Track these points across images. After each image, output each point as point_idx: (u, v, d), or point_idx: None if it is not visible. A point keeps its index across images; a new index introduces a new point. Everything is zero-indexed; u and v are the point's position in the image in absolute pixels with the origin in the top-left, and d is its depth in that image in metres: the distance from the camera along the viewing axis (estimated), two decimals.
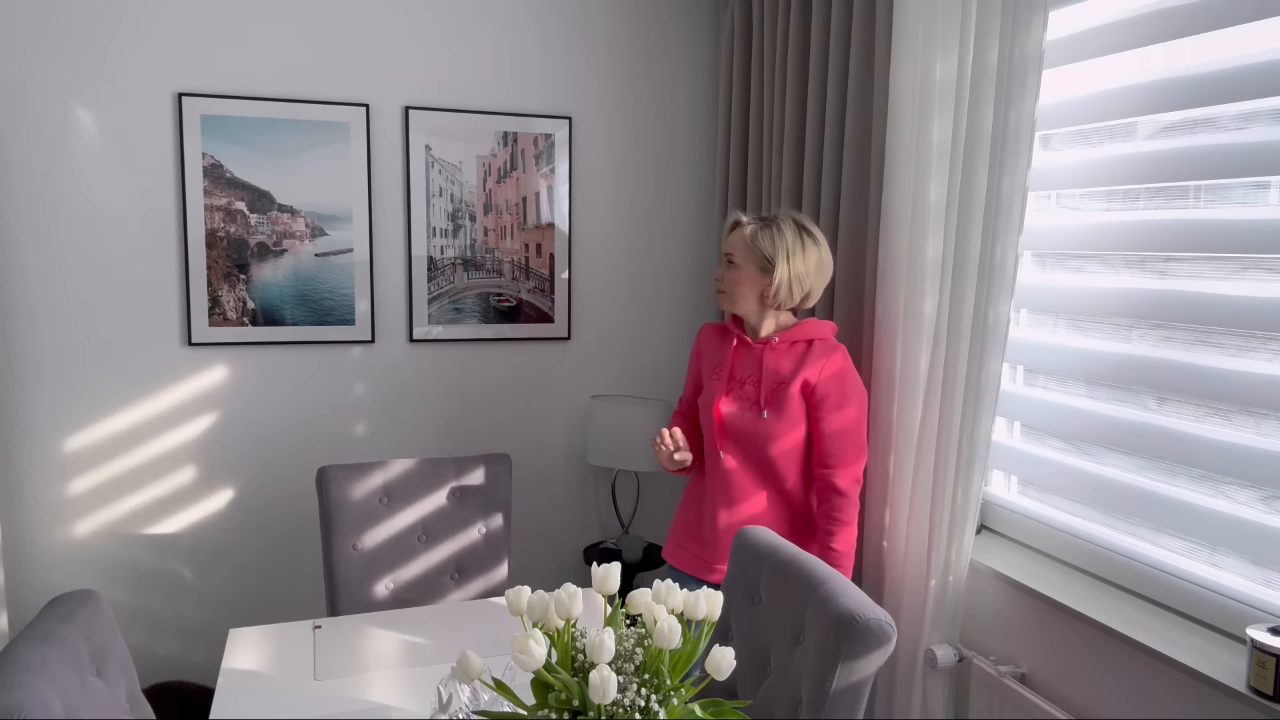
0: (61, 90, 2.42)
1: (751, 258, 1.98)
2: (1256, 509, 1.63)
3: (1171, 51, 1.77)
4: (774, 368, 2.00)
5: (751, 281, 1.99)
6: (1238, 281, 1.66)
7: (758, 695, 1.62)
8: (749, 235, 1.98)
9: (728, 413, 2.04)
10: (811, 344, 1.99)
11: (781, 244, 1.95)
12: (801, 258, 1.96)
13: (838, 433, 1.96)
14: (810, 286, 1.98)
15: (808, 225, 1.98)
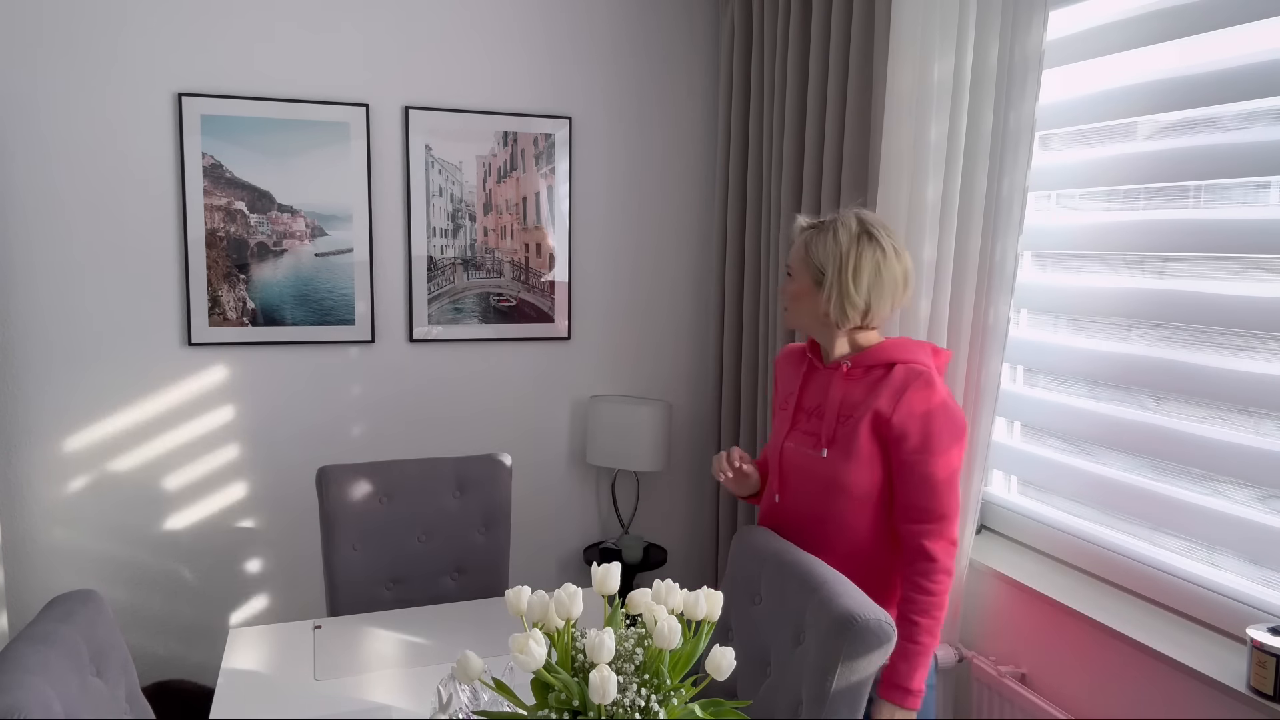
0: (61, 90, 2.42)
1: (806, 268, 1.69)
2: (1255, 509, 1.63)
3: (1171, 51, 1.77)
4: (842, 397, 1.68)
5: (808, 296, 1.69)
6: (1238, 281, 1.66)
7: (758, 695, 1.62)
8: (803, 241, 1.70)
9: (789, 448, 1.76)
10: (891, 369, 1.64)
11: (835, 249, 1.64)
12: (854, 265, 1.62)
13: (921, 481, 1.58)
14: (867, 300, 1.64)
15: (871, 225, 1.65)
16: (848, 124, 2.26)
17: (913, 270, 1.66)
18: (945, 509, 1.58)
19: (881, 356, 1.66)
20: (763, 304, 2.74)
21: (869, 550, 1.67)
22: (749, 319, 2.82)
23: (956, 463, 1.59)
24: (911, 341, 1.68)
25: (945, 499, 1.58)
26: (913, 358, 1.65)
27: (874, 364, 1.66)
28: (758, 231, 2.79)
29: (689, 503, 3.21)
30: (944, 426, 1.57)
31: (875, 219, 1.66)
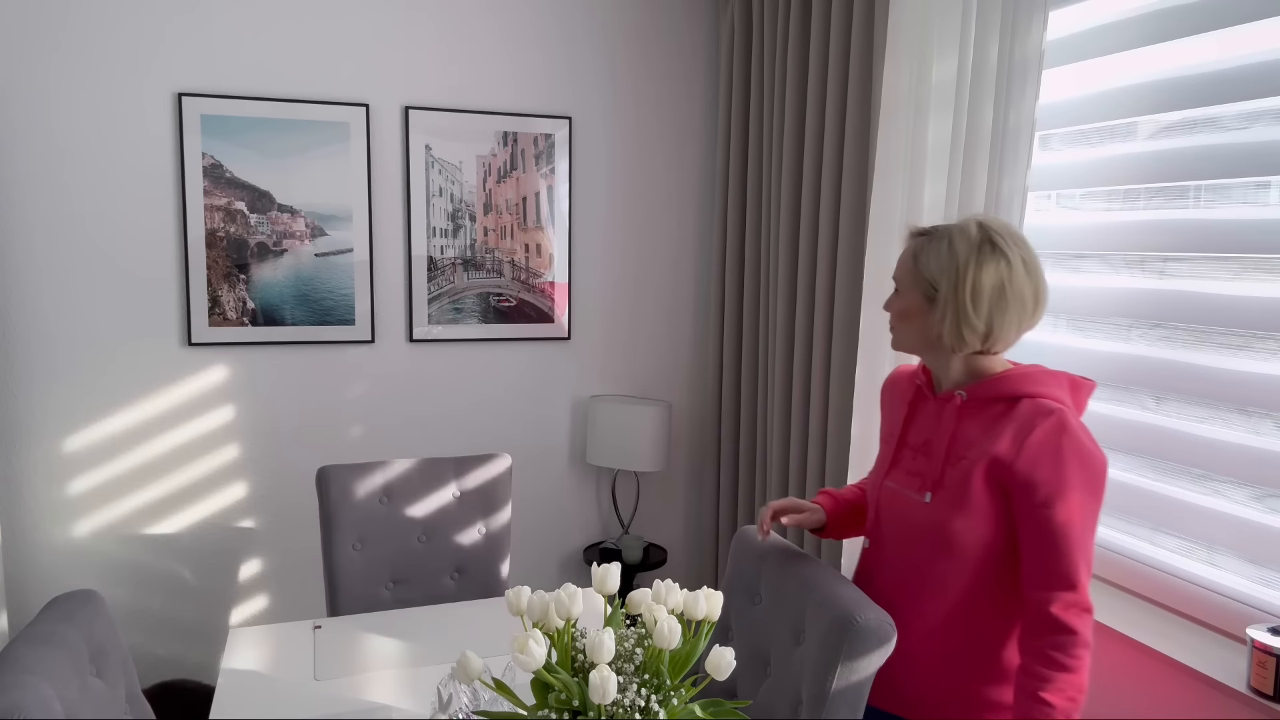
0: (61, 90, 2.42)
1: (916, 283, 1.43)
2: (1254, 508, 1.63)
3: (1171, 51, 1.77)
4: (954, 434, 1.42)
5: (918, 315, 1.43)
6: (1237, 281, 1.66)
7: (758, 695, 1.62)
8: (912, 251, 1.45)
9: (888, 488, 1.52)
10: (1016, 404, 1.37)
11: (950, 261, 1.38)
12: (973, 280, 1.36)
13: (1052, 540, 1.32)
14: (989, 322, 1.37)
15: (995, 233, 1.38)
16: (848, 124, 2.25)
17: (1046, 287, 1.40)
18: (1079, 573, 1.32)
19: (1005, 388, 1.39)
20: (763, 304, 2.74)
21: (971, 617, 1.42)
22: (749, 319, 2.82)
23: (1093, 519, 1.33)
24: (1045, 371, 1.40)
25: (1079, 561, 1.32)
26: (1043, 391, 1.37)
27: (995, 396, 1.40)
28: (758, 231, 2.79)
29: (689, 503, 3.21)
30: (1072, 471, 1.31)
31: (1001, 225, 1.40)
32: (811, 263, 2.46)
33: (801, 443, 2.52)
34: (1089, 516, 1.33)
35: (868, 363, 2.24)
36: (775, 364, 2.62)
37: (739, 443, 2.94)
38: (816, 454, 2.43)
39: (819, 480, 2.43)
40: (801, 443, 2.52)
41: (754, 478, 2.86)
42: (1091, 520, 1.33)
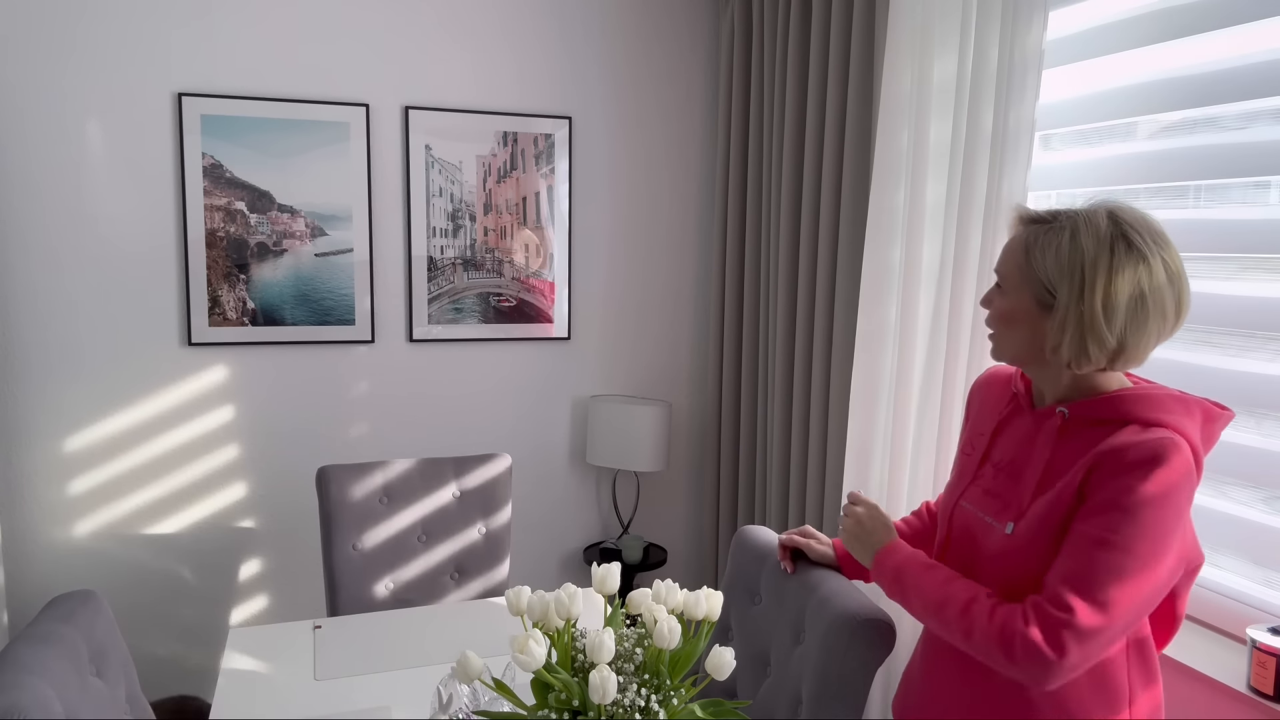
0: (61, 90, 2.42)
1: (1027, 282, 1.19)
2: (1258, 509, 1.63)
3: (1171, 51, 1.77)
4: (1050, 458, 1.20)
5: (1027, 321, 1.20)
6: (1238, 281, 1.66)
7: (758, 695, 1.62)
8: (1023, 242, 1.20)
9: (963, 509, 1.30)
10: (1124, 428, 1.13)
11: (1075, 259, 1.14)
12: (1105, 286, 1.13)
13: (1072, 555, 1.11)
14: (1121, 336, 1.14)
15: (1131, 226, 1.15)
16: (848, 124, 2.25)
17: (1189, 294, 1.19)
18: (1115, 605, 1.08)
19: (1117, 410, 1.15)
20: (763, 304, 2.74)
21: None
22: (749, 319, 2.82)
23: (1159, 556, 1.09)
24: (1171, 395, 1.15)
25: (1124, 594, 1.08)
26: (1163, 418, 1.13)
27: (1103, 418, 1.16)
28: (758, 231, 2.79)
29: (689, 503, 3.21)
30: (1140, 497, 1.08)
31: (1138, 218, 1.16)
32: (812, 263, 2.46)
33: (802, 443, 2.52)
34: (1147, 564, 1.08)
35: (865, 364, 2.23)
36: (775, 364, 2.62)
37: (739, 443, 2.94)
38: (817, 454, 2.43)
39: (819, 480, 2.43)
40: (802, 443, 2.52)
41: (754, 478, 2.86)
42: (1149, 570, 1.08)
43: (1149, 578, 1.09)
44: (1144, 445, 1.09)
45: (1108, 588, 1.08)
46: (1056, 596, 1.10)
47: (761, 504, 2.79)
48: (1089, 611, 1.08)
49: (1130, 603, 1.09)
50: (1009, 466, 1.25)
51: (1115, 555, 1.08)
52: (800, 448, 2.52)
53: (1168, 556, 1.10)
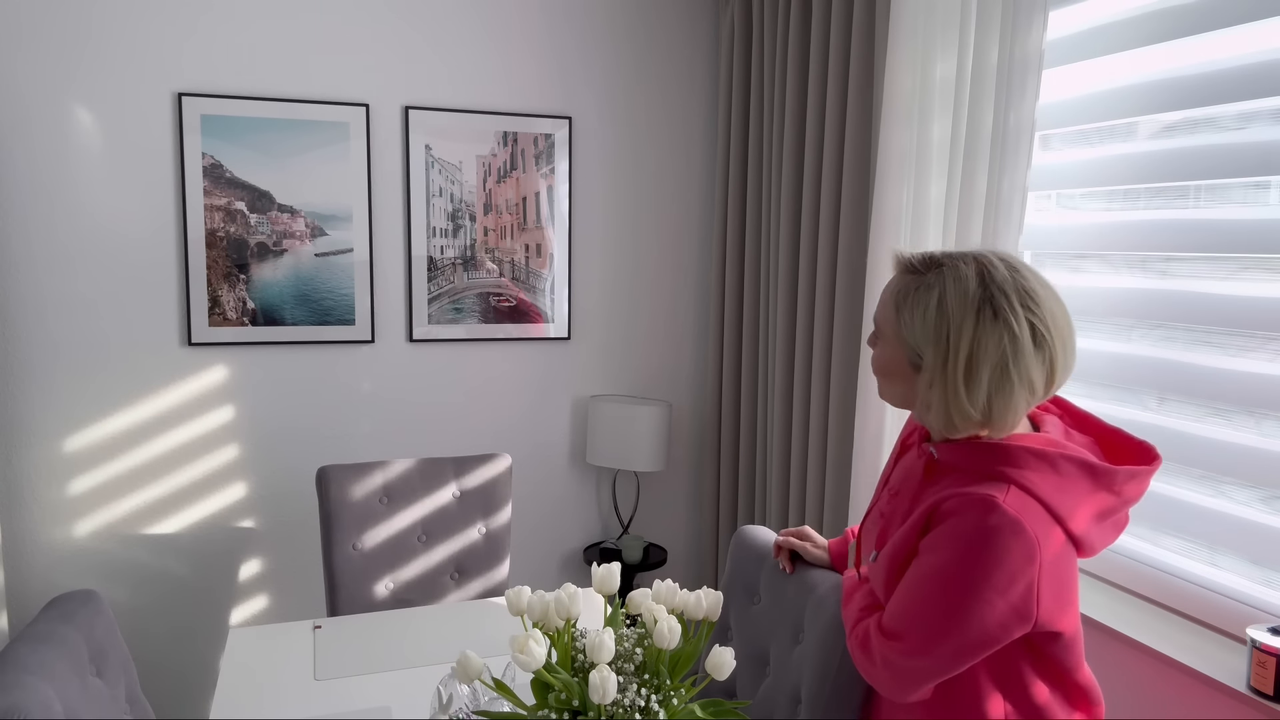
0: (61, 90, 2.42)
1: (899, 340, 1.17)
2: (1257, 509, 1.63)
3: (1172, 51, 1.77)
4: (914, 491, 1.22)
5: (900, 375, 1.19)
6: (1238, 281, 1.66)
7: (758, 695, 1.62)
8: (895, 298, 1.17)
9: (865, 526, 1.34)
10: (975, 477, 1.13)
11: (940, 324, 1.11)
12: (970, 356, 1.10)
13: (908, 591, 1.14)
14: (984, 408, 1.11)
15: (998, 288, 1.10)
16: (848, 124, 2.25)
17: (1066, 354, 1.13)
18: (923, 646, 1.10)
19: (975, 460, 1.13)
20: (763, 304, 2.74)
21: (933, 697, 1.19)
22: (749, 319, 2.82)
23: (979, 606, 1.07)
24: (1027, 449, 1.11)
25: (932, 635, 1.10)
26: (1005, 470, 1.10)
27: (965, 466, 1.15)
28: (758, 231, 2.79)
29: (689, 503, 3.21)
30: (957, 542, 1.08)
31: (1005, 275, 1.11)
32: (812, 262, 2.46)
33: (802, 442, 2.52)
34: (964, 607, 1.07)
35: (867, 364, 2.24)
36: (775, 364, 2.62)
37: (739, 443, 2.94)
38: (817, 454, 2.43)
39: (820, 480, 2.43)
40: (802, 442, 2.52)
41: (754, 478, 2.86)
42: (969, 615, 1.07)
43: (964, 623, 1.08)
44: (960, 499, 1.09)
45: (921, 625, 1.10)
46: (886, 622, 1.16)
47: (761, 504, 2.79)
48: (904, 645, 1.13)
49: (942, 643, 1.09)
50: (895, 496, 1.26)
51: (929, 593, 1.10)
52: (800, 448, 2.52)
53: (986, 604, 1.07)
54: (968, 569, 1.07)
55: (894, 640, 1.14)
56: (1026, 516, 1.07)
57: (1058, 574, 1.10)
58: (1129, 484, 1.13)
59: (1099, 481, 1.12)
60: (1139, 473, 1.13)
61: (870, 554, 1.26)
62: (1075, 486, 1.11)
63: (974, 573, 1.07)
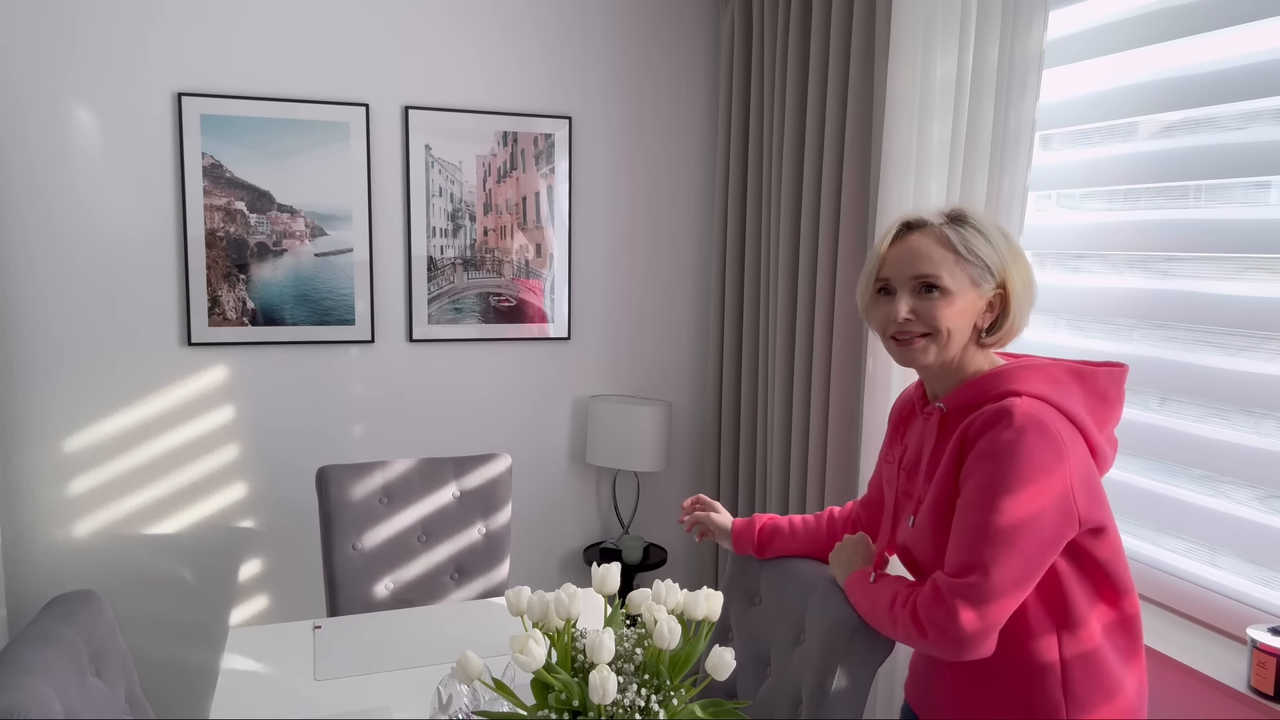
0: (61, 90, 2.42)
1: (964, 271, 1.27)
2: (1256, 509, 1.63)
3: (1171, 51, 1.77)
4: (932, 447, 1.32)
5: (968, 309, 1.27)
6: (1238, 281, 1.66)
7: (758, 695, 1.62)
8: (957, 240, 1.27)
9: (892, 510, 1.43)
10: (983, 409, 1.24)
11: (1001, 245, 1.28)
12: (1023, 265, 1.30)
13: (956, 539, 1.21)
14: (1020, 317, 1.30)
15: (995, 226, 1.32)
16: (848, 124, 2.25)
17: None
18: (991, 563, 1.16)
19: (981, 392, 1.26)
20: (763, 304, 2.74)
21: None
22: (749, 319, 2.82)
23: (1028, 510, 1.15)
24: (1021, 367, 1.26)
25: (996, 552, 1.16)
26: (1011, 387, 1.23)
27: (973, 402, 1.27)
28: (758, 231, 2.78)
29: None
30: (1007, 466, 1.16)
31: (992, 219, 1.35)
32: (812, 262, 2.46)
33: (802, 442, 2.52)
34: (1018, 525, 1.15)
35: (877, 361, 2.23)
36: (775, 364, 2.62)
37: (739, 443, 2.94)
38: (817, 454, 2.42)
39: (820, 479, 2.43)
40: (802, 442, 2.52)
41: (754, 478, 2.86)
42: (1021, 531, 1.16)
43: (1019, 530, 1.16)
44: (982, 416, 1.20)
45: (981, 548, 1.17)
46: (948, 568, 1.21)
47: (761, 504, 2.79)
48: (972, 574, 1.17)
49: (1007, 556, 1.16)
50: (911, 466, 1.37)
51: (979, 515, 1.17)
52: (800, 447, 2.52)
53: (1034, 506, 1.16)
54: (1008, 476, 1.16)
55: (965, 575, 1.18)
56: (1044, 415, 1.19)
57: (1085, 470, 1.20)
58: (1111, 385, 1.28)
59: (1085, 384, 1.26)
60: (1115, 374, 1.28)
61: (908, 519, 1.33)
62: (1069, 389, 1.24)
63: (1013, 477, 1.16)
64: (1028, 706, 1.25)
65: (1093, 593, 1.25)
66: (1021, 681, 1.25)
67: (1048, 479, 1.16)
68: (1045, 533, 1.17)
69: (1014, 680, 1.26)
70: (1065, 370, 1.26)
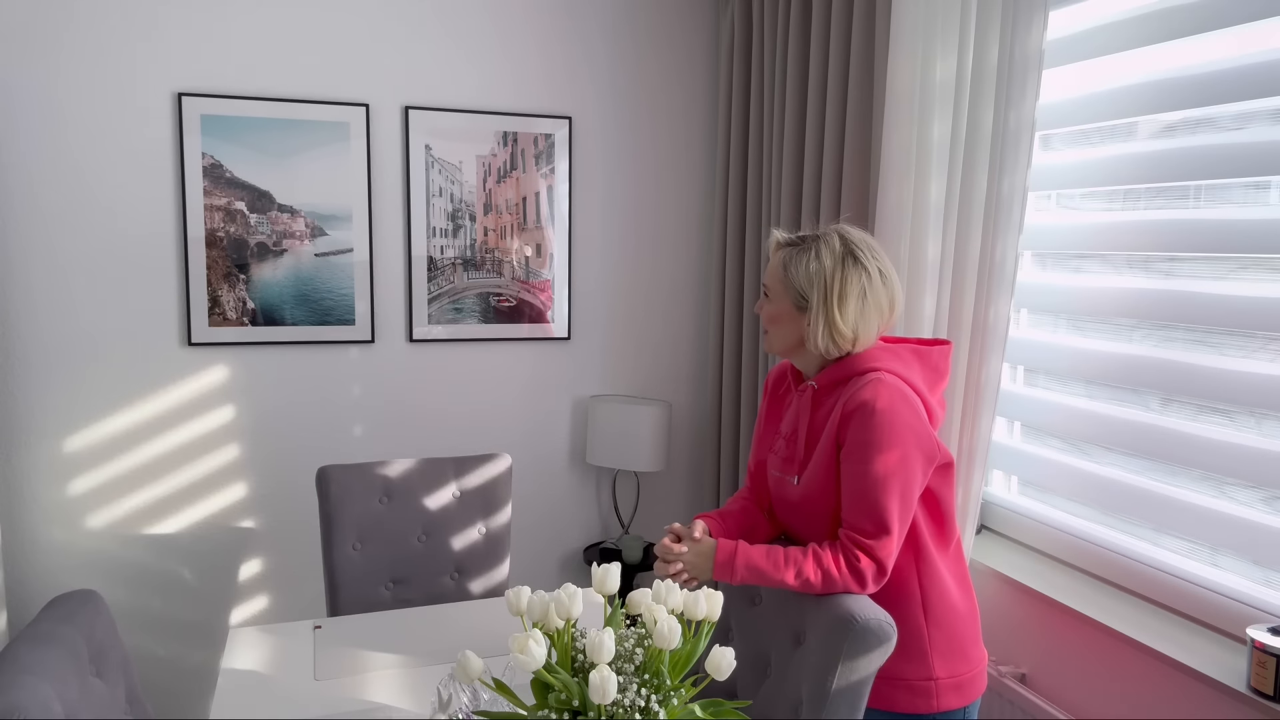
0: (62, 90, 2.42)
1: (786, 291, 1.56)
2: (1258, 509, 1.63)
3: (1171, 51, 1.77)
4: (810, 421, 1.58)
5: (789, 321, 1.57)
6: (1238, 281, 1.66)
7: (758, 695, 1.62)
8: (781, 260, 1.57)
9: (772, 475, 1.67)
10: (849, 382, 1.53)
11: (818, 274, 1.51)
12: (839, 291, 1.50)
13: (849, 493, 1.49)
14: (855, 329, 1.51)
15: (855, 245, 1.53)
16: (848, 124, 2.25)
17: (900, 291, 1.57)
18: (869, 522, 1.45)
19: (845, 371, 1.54)
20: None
21: None
22: (749, 319, 2.82)
23: (888, 472, 1.44)
24: (881, 348, 1.56)
25: (867, 510, 1.45)
26: (875, 365, 1.52)
27: (839, 380, 1.55)
28: (758, 231, 2.79)
29: (689, 503, 3.21)
30: (879, 433, 1.44)
31: (860, 237, 1.55)
32: None
33: None
34: (886, 475, 1.44)
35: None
36: (775, 364, 2.62)
37: (739, 443, 2.94)
38: None
39: None
40: None
41: None
42: (888, 481, 1.44)
43: (901, 481, 1.45)
44: (857, 390, 1.48)
45: (874, 501, 1.45)
46: (853, 526, 1.47)
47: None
48: (870, 525, 1.46)
49: (891, 501, 1.45)
50: (790, 435, 1.62)
51: (864, 473, 1.45)
52: None
53: (908, 457, 1.45)
54: (884, 437, 1.45)
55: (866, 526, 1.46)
56: (899, 385, 1.49)
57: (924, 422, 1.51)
58: (941, 360, 1.59)
59: (922, 360, 1.57)
60: (944, 350, 1.59)
61: (792, 478, 1.59)
62: (911, 366, 1.55)
63: (888, 437, 1.45)
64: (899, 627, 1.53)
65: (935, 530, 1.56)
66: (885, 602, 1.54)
67: (912, 433, 1.46)
68: (916, 473, 1.47)
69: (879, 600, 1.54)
70: (909, 352, 1.57)
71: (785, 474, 1.61)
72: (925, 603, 1.54)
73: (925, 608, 1.54)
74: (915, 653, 1.53)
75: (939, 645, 1.53)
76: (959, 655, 1.55)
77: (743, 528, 1.71)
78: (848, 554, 1.47)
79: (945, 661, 1.53)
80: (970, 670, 1.56)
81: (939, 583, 1.54)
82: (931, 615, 1.53)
